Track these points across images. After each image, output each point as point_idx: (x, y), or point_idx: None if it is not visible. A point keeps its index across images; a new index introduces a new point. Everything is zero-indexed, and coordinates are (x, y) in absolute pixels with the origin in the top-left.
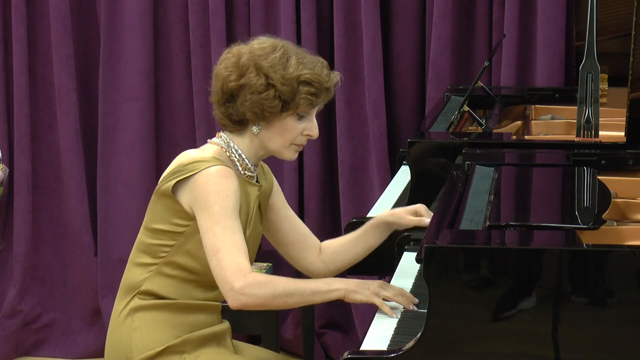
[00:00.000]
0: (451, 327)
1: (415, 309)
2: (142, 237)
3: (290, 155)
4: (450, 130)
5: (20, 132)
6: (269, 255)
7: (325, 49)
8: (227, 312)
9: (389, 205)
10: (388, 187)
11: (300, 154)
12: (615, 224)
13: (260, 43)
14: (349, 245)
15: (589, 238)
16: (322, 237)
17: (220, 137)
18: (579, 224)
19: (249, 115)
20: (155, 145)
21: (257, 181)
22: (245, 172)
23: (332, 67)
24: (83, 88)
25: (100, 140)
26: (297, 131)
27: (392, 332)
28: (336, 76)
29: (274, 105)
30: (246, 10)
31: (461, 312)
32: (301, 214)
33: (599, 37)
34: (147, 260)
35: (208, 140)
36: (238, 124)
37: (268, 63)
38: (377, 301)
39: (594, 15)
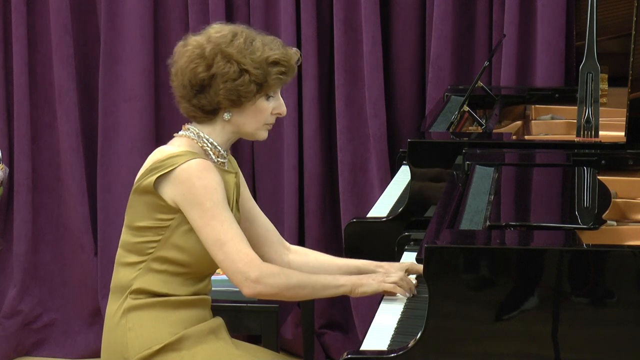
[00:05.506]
0: (451, 327)
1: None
2: (125, 237)
3: (263, 135)
4: (450, 130)
5: (20, 133)
6: None
7: (325, 49)
8: (225, 312)
9: (389, 205)
10: (388, 187)
11: (301, 154)
12: (615, 224)
13: (218, 31)
14: (324, 266)
15: (589, 238)
16: (322, 237)
17: (189, 129)
18: (579, 224)
19: (224, 103)
20: (155, 145)
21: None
22: (219, 159)
23: (332, 67)
24: (83, 88)
25: (100, 140)
26: (269, 111)
27: (392, 332)
28: (296, 53)
29: (249, 90)
30: (246, 10)
31: (461, 312)
32: (301, 214)
33: (599, 37)
34: (134, 259)
35: (175, 135)
36: (210, 114)
37: (235, 49)
38: (388, 286)
39: (594, 15)
